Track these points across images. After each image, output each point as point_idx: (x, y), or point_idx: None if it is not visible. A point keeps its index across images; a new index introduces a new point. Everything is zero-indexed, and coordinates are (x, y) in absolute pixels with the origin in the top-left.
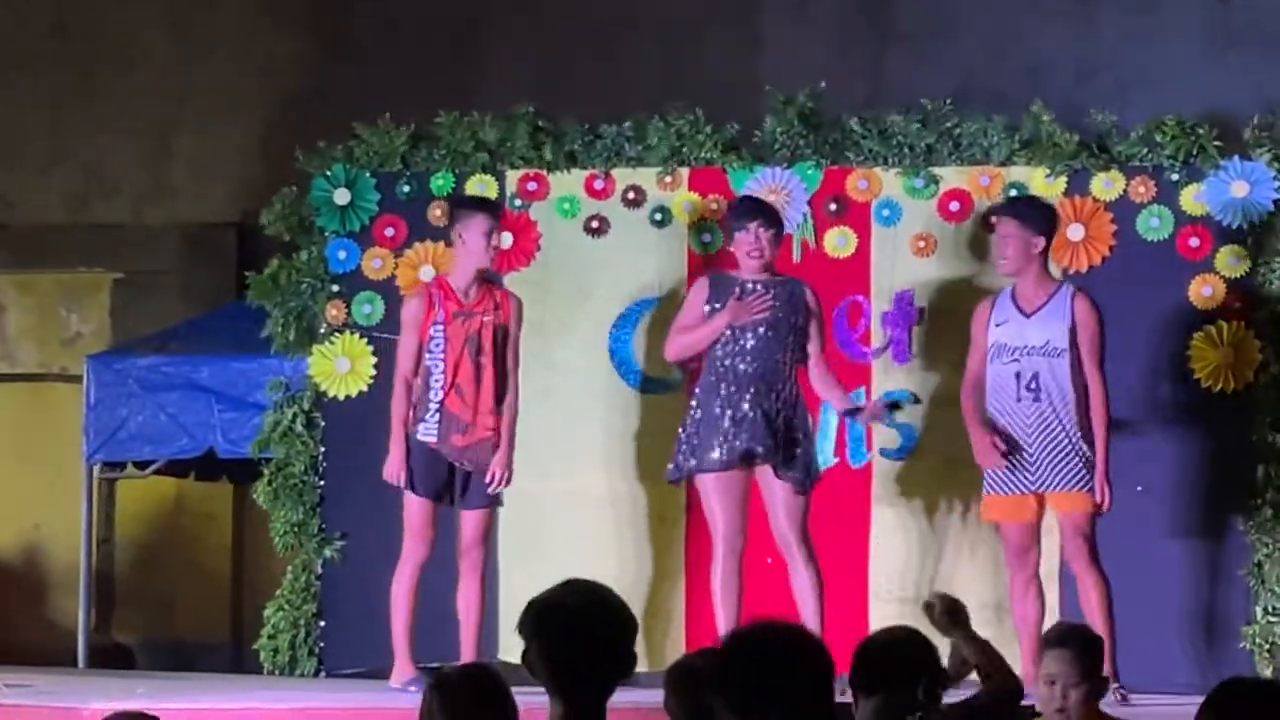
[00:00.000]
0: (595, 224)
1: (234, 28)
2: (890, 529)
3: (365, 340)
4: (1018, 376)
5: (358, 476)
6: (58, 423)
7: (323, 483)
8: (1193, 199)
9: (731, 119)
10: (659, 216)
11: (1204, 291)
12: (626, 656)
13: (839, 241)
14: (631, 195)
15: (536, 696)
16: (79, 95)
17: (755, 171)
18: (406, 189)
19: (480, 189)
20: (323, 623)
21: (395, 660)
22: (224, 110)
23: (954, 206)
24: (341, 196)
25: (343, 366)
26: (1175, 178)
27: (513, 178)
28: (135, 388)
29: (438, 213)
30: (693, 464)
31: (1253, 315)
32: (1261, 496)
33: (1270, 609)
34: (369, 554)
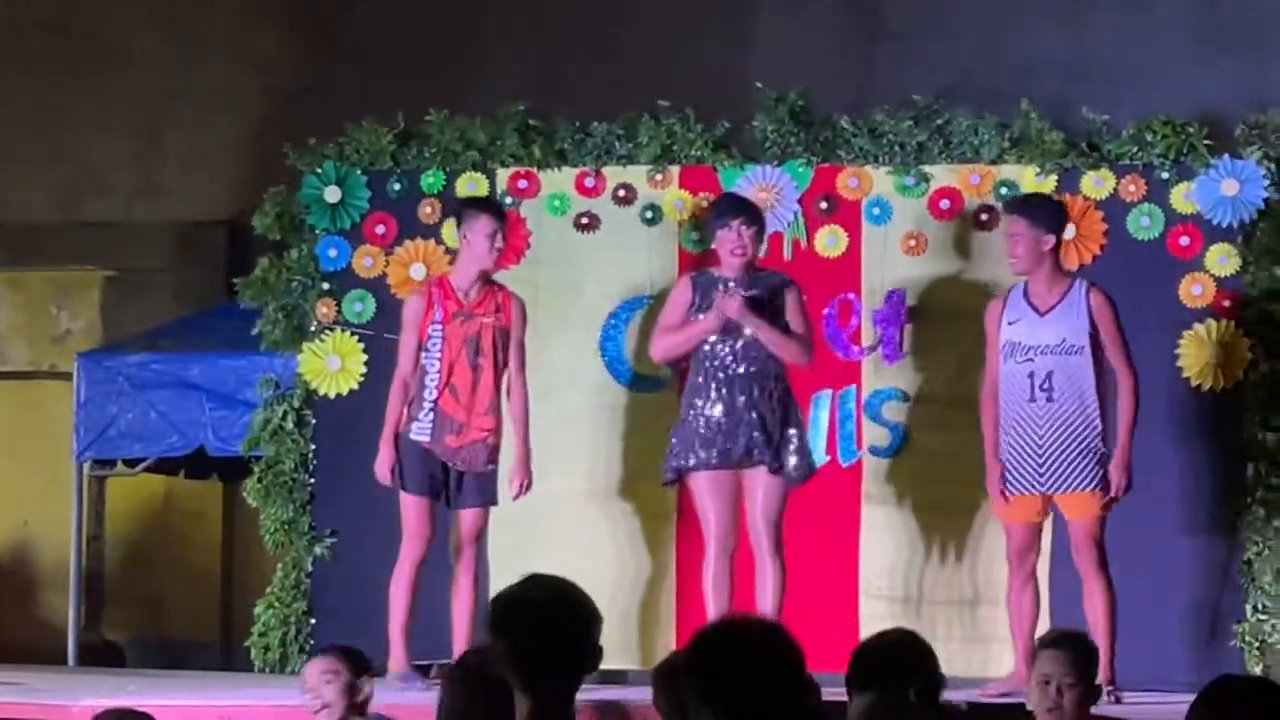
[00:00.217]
0: (585, 222)
1: (225, 26)
2: (880, 526)
3: (356, 338)
4: (1031, 376)
5: (348, 474)
6: (48, 420)
7: (313, 480)
8: (1183, 198)
9: (722, 117)
10: (649, 214)
11: (1194, 290)
12: (592, 650)
13: (829, 240)
14: (622, 193)
15: None
16: (70, 93)
17: (746, 170)
18: (397, 187)
19: (471, 187)
20: (313, 620)
21: (390, 654)
22: (215, 108)
23: (944, 205)
24: (332, 194)
25: (333, 364)
26: (1165, 176)
27: (503, 176)
28: (125, 385)
29: (428, 210)
30: (684, 463)
31: (1242, 314)
32: (1252, 495)
33: (1260, 607)
34: (359, 552)
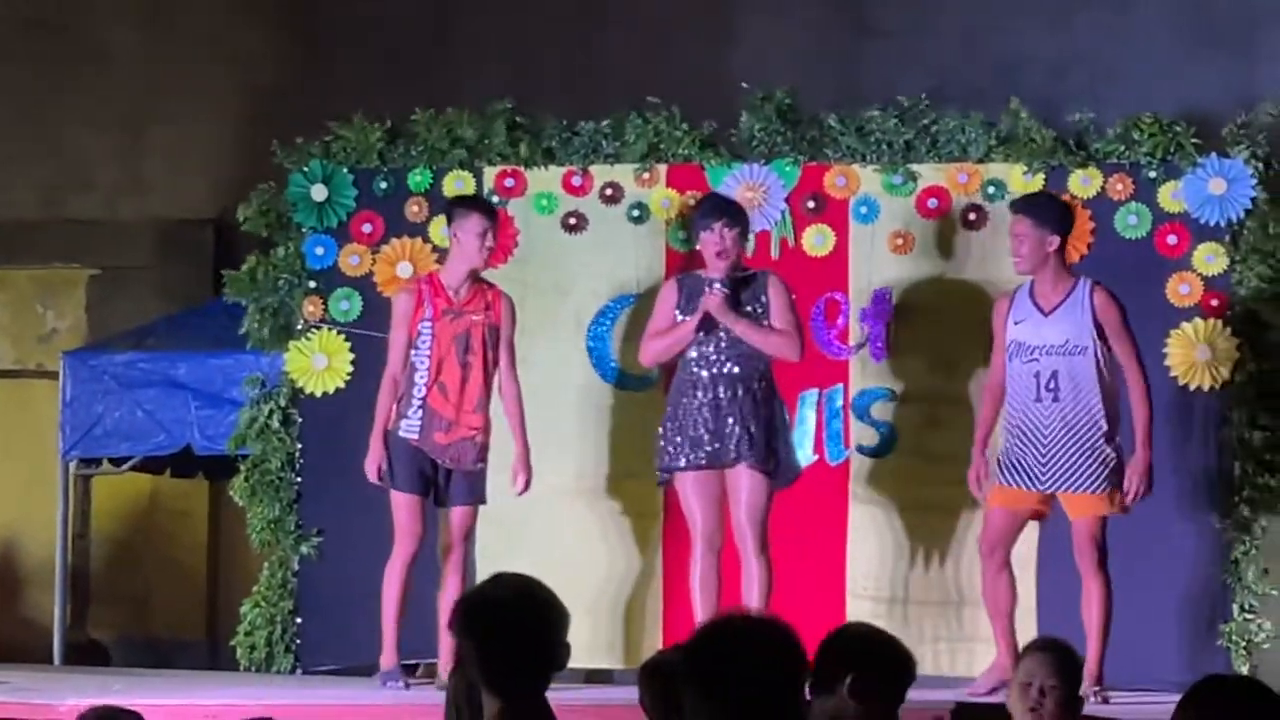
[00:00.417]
0: (573, 221)
1: (210, 22)
2: (867, 526)
3: (343, 337)
4: (1036, 376)
5: (334, 473)
6: (34, 419)
7: (299, 479)
8: (1170, 196)
9: (709, 116)
10: (637, 213)
11: (1181, 289)
12: (559, 647)
13: (817, 239)
14: (609, 192)
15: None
16: (55, 90)
17: (733, 168)
18: (384, 185)
19: (458, 185)
20: (299, 620)
21: (382, 652)
22: (200, 106)
23: (932, 203)
24: (319, 193)
25: (320, 363)
26: (1153, 175)
27: (490, 174)
28: (111, 384)
29: (415, 209)
30: (675, 463)
31: (1230, 313)
32: (1239, 494)
33: (1247, 606)
34: (346, 550)
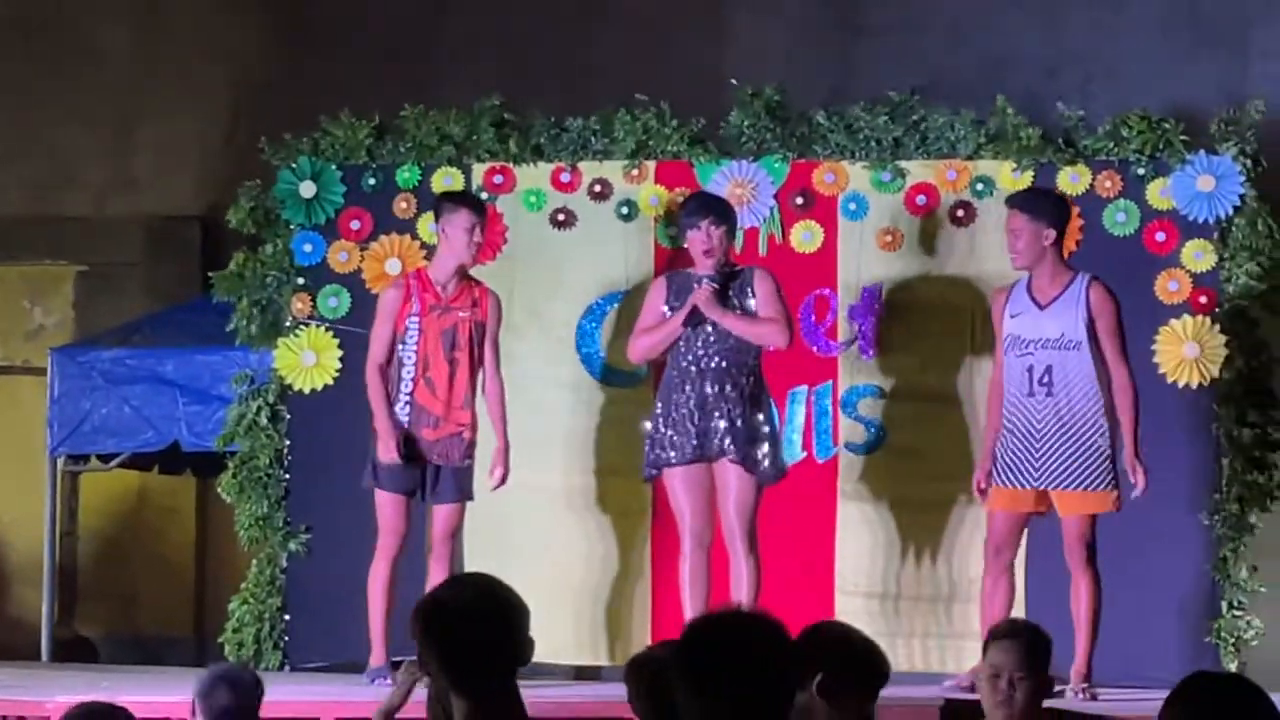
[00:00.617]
0: (562, 217)
1: (198, 20)
2: (856, 523)
3: (331, 333)
4: (1030, 370)
5: (323, 470)
6: (21, 416)
7: (288, 476)
8: (1159, 193)
9: (697, 112)
10: (625, 210)
11: (1170, 286)
12: (521, 643)
13: (805, 236)
14: (598, 188)
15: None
16: (41, 87)
17: (722, 165)
18: (372, 182)
19: (446, 182)
20: (287, 616)
21: (372, 650)
22: (187, 102)
23: (920, 200)
24: (307, 189)
25: (308, 360)
26: (1141, 172)
27: (479, 171)
28: (99, 381)
29: (404, 205)
30: (663, 459)
31: (1218, 310)
32: (1227, 491)
33: (1236, 603)
34: (334, 547)
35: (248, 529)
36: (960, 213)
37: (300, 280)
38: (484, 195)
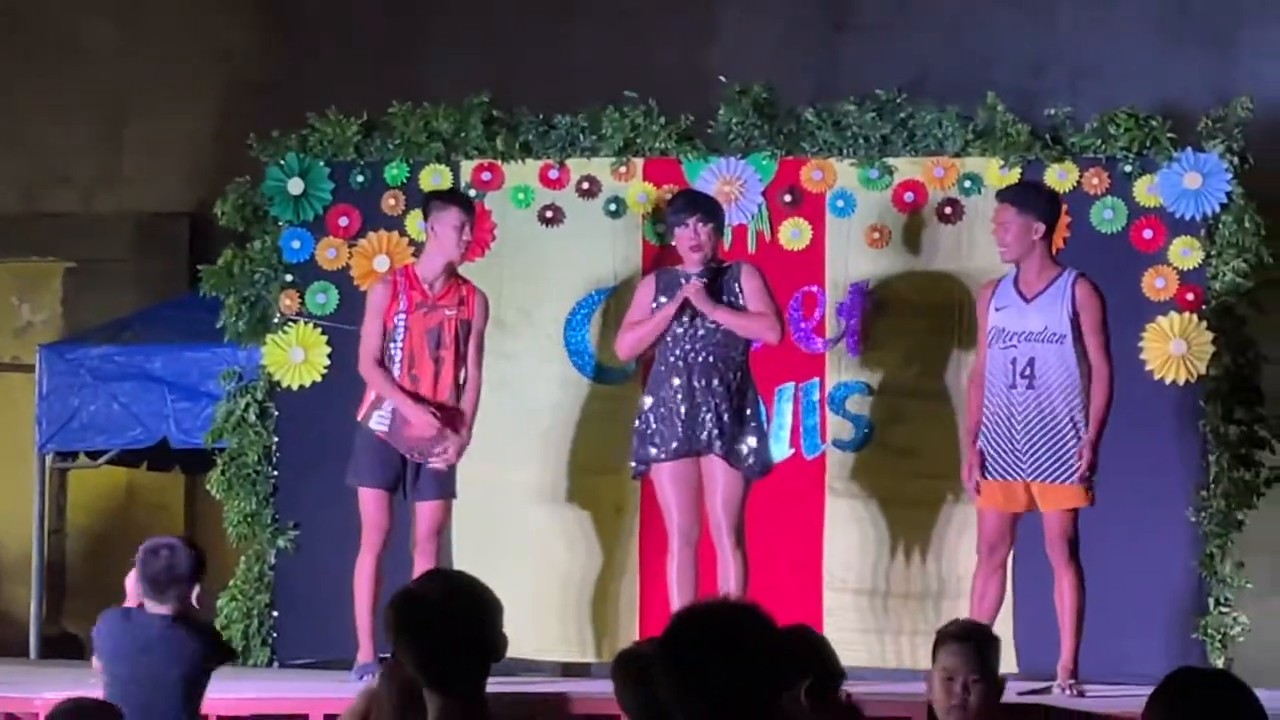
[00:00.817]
0: (550, 214)
1: (186, 16)
2: (844, 519)
3: (319, 330)
4: (1013, 363)
5: (311, 467)
6: (10, 412)
7: (276, 473)
8: (1146, 191)
9: (686, 109)
10: (613, 207)
11: (1156, 283)
12: (494, 640)
13: (793, 233)
14: (586, 185)
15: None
16: (28, 83)
17: (710, 162)
18: (360, 179)
19: (435, 179)
20: (275, 613)
21: (359, 647)
22: (176, 98)
23: (908, 197)
24: (295, 186)
25: (297, 356)
26: (1129, 169)
27: (467, 168)
28: (88, 377)
29: (392, 202)
30: (651, 455)
31: (1205, 307)
32: (1213, 488)
33: (1222, 600)
34: (322, 544)
35: (236, 526)
36: (948, 209)
37: (288, 277)
38: (472, 192)
